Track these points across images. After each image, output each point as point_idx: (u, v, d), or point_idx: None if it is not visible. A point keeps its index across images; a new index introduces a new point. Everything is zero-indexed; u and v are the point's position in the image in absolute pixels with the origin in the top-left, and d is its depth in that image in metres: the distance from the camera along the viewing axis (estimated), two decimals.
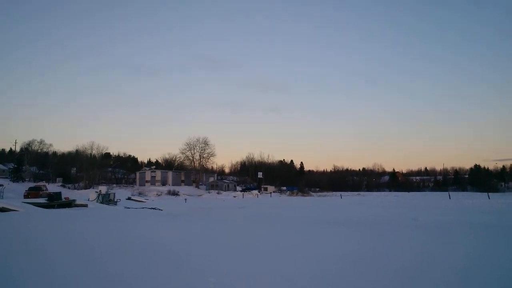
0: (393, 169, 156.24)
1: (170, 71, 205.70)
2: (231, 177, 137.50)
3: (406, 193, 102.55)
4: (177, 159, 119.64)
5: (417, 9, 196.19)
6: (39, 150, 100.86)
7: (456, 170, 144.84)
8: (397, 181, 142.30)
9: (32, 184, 60.78)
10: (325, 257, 8.98)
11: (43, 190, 44.75)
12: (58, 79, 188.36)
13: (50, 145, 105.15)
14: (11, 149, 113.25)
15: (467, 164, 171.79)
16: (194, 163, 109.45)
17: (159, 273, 7.20)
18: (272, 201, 57.83)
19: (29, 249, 10.09)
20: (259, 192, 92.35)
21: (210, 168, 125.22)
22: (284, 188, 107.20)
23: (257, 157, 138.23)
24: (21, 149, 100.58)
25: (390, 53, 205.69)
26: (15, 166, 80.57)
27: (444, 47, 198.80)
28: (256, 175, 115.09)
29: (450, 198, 58.95)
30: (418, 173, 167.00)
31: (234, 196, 79.29)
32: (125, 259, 8.68)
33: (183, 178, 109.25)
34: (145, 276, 6.95)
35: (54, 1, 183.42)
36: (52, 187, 62.42)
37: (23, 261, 8.38)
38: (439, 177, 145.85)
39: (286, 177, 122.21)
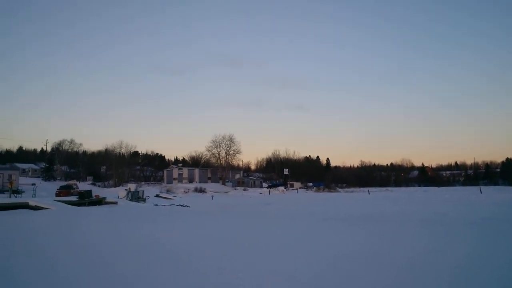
0: (422, 164, 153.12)
1: (194, 69, 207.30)
2: (257, 174, 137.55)
3: (436, 188, 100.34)
4: (204, 157, 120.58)
5: (435, 10, 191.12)
6: (70, 150, 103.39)
7: (487, 164, 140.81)
8: (427, 176, 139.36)
9: (63, 183, 62.32)
10: (351, 256, 8.80)
11: (74, 189, 45.80)
12: (88, 80, 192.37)
13: (80, 144, 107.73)
14: (42, 149, 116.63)
15: (499, 158, 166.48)
16: (220, 160, 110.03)
17: (181, 271, 7.19)
18: (298, 197, 57.58)
19: (62, 245, 10.28)
20: (285, 188, 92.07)
21: (236, 165, 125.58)
22: (311, 184, 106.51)
23: (282, 153, 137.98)
24: (52, 149, 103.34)
25: (407, 51, 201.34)
26: (47, 165, 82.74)
27: (468, 47, 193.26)
28: (282, 172, 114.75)
29: (481, 192, 57.33)
30: (448, 167, 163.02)
31: (261, 193, 79.31)
32: (147, 258, 8.72)
33: (209, 175, 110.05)
34: (165, 275, 6.95)
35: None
36: (83, 186, 63.85)
37: (56, 256, 8.54)
38: (470, 172, 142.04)
39: (312, 173, 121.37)
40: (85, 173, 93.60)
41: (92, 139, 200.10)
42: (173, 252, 9.28)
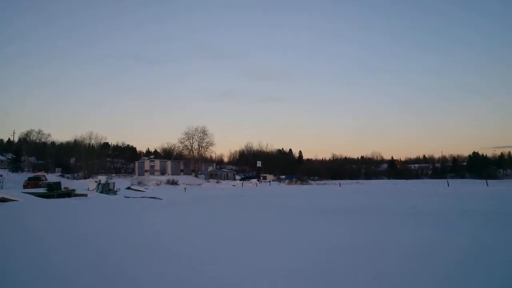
0: (392, 157, 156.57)
1: (169, 60, 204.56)
2: (230, 166, 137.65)
3: (405, 181, 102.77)
4: (176, 149, 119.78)
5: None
6: (38, 140, 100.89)
7: (454, 157, 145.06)
8: (396, 169, 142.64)
9: (31, 174, 60.82)
10: (324, 245, 8.99)
11: (43, 180, 44.75)
12: (57, 69, 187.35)
13: (49, 135, 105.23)
14: (9, 139, 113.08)
15: (466, 152, 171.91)
16: (193, 153, 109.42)
17: (160, 265, 7.20)
18: (271, 190, 57.96)
19: (29, 239, 10.09)
20: (258, 181, 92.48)
21: (209, 157, 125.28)
22: (283, 176, 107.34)
23: (256, 146, 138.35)
24: (20, 139, 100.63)
25: (387, 42, 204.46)
26: (14, 156, 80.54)
27: (442, 37, 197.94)
28: (255, 164, 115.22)
29: (448, 185, 59.10)
30: (417, 160, 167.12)
31: (233, 185, 79.42)
32: (124, 250, 8.68)
33: (182, 168, 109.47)
34: (145, 268, 6.95)
35: None
36: (51, 177, 62.40)
37: (22, 251, 8.38)
38: (438, 165, 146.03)
39: (285, 166, 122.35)
40: (54, 164, 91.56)
41: (61, 130, 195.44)
42: (140, 245, 9.25)
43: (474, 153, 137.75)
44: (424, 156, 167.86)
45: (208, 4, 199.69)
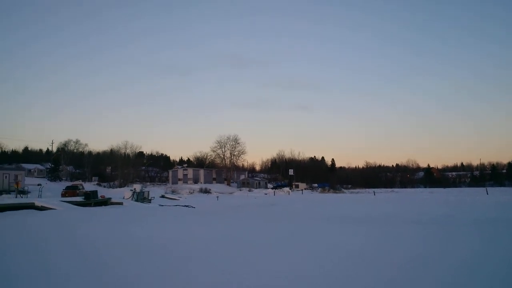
0: (428, 165, 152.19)
1: (200, 70, 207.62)
2: (262, 174, 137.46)
3: (442, 189, 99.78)
4: (208, 157, 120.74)
5: (437, 11, 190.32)
6: (75, 150, 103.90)
7: (493, 164, 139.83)
8: (432, 177, 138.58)
9: (69, 183, 62.49)
10: (358, 256, 8.69)
11: (80, 189, 45.88)
12: (94, 80, 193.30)
13: (86, 145, 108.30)
14: (48, 149, 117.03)
15: (505, 159, 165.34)
16: (225, 161, 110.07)
17: (185, 272, 7.12)
18: (303, 198, 57.41)
19: (67, 245, 10.24)
20: (290, 189, 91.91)
21: (241, 165, 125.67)
22: (316, 185, 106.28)
23: (287, 154, 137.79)
24: (58, 149, 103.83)
25: (416, 54, 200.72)
26: (52, 166, 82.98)
27: (476, 50, 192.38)
28: (287, 172, 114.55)
29: (487, 194, 56.91)
30: (454, 168, 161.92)
31: (266, 194, 79.22)
32: (152, 258, 8.66)
33: (214, 176, 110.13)
34: (169, 275, 6.88)
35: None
36: (88, 186, 63.97)
37: (61, 257, 8.49)
38: (476, 173, 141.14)
39: (317, 174, 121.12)
40: (91, 173, 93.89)
41: (98, 140, 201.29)
42: (178, 253, 9.20)
43: None
44: (461, 163, 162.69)
45: (235, 13, 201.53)
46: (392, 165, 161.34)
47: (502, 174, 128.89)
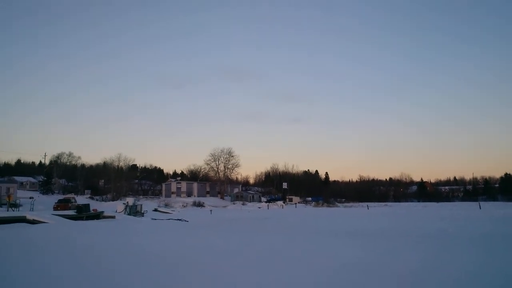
0: (421, 179, 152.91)
1: (194, 82, 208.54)
2: (256, 188, 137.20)
3: (435, 203, 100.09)
4: (202, 170, 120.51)
5: (437, 21, 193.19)
6: (68, 163, 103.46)
7: (486, 179, 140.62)
8: (426, 191, 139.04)
9: (61, 197, 62.01)
10: (352, 269, 8.75)
11: (72, 202, 45.56)
12: (87, 95, 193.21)
13: (79, 157, 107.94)
14: (40, 162, 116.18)
15: (498, 173, 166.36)
16: (219, 174, 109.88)
17: (184, 286, 7.15)
18: (297, 212, 57.34)
19: (58, 259, 10.21)
20: (284, 203, 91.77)
21: (235, 179, 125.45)
22: (309, 198, 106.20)
23: (281, 167, 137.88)
24: (51, 162, 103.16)
25: (412, 65, 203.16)
26: (45, 178, 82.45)
27: (470, 61, 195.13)
28: (281, 186, 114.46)
29: (480, 208, 57.19)
30: (447, 182, 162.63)
31: (259, 207, 79.01)
32: (146, 272, 8.66)
33: (208, 189, 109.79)
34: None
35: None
36: (81, 199, 63.51)
37: (53, 270, 8.47)
38: (469, 187, 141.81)
39: (311, 188, 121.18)
40: (83, 186, 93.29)
41: (91, 152, 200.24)
42: (169, 266, 9.22)
43: (506, 174, 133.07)
44: (454, 177, 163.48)
45: (230, 25, 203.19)
46: (386, 179, 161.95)
47: (495, 189, 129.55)
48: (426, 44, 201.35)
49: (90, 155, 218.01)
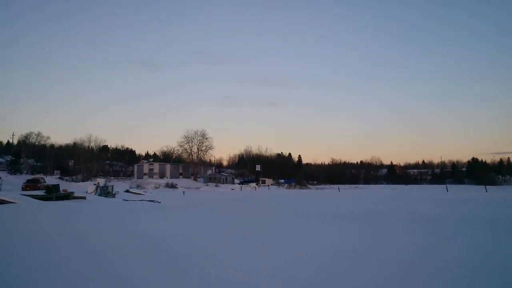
0: (391, 162, 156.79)
1: (168, 65, 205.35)
2: (229, 170, 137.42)
3: (404, 186, 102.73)
4: (175, 152, 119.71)
5: (413, 3, 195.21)
6: (37, 143, 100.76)
7: (453, 163, 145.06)
8: (395, 174, 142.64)
9: (30, 177, 60.63)
10: (323, 251, 8.95)
11: (41, 183, 44.64)
12: (56, 72, 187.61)
13: (48, 137, 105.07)
14: (8, 141, 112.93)
15: (465, 157, 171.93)
16: (192, 156, 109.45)
17: (158, 268, 7.17)
18: (270, 194, 57.91)
19: (26, 242, 10.04)
20: (257, 185, 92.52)
21: (208, 161, 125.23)
22: (282, 181, 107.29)
23: (255, 150, 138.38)
24: (19, 142, 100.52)
25: (387, 47, 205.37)
26: (13, 158, 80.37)
27: (441, 42, 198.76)
28: (254, 168, 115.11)
29: (447, 191, 59.03)
30: (416, 166, 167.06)
31: (232, 189, 79.40)
32: (123, 253, 8.63)
33: (181, 171, 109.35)
34: (144, 271, 6.91)
35: None
36: (50, 180, 62.33)
37: (19, 255, 8.33)
38: (437, 170, 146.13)
39: (284, 170, 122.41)
40: (53, 167, 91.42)
41: (60, 133, 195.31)
42: (137, 248, 9.21)
43: (473, 159, 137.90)
44: (423, 161, 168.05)
45: (205, 9, 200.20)
46: (357, 162, 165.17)
47: (462, 172, 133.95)
48: (402, 23, 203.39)
49: (60, 135, 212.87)
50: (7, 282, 6.20)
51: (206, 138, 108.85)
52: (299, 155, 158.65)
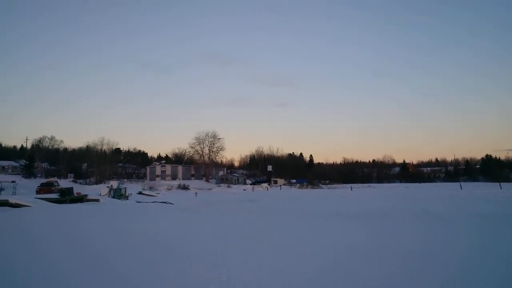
0: (404, 160, 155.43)
1: (179, 67, 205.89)
2: (241, 170, 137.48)
3: (417, 184, 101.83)
4: (187, 154, 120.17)
5: (422, 4, 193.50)
6: (50, 147, 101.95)
7: (467, 160, 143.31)
8: (408, 172, 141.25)
9: (44, 180, 61.37)
10: (335, 249, 8.94)
11: (55, 186, 45.16)
12: (69, 75, 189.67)
13: (61, 141, 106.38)
14: (22, 146, 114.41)
15: (478, 154, 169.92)
16: (203, 157, 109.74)
17: (171, 268, 7.22)
18: (282, 194, 57.79)
19: (40, 244, 10.17)
20: (269, 185, 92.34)
21: (220, 162, 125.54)
22: (294, 181, 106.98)
23: (266, 150, 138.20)
24: (32, 146, 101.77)
25: (396, 46, 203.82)
26: (27, 162, 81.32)
27: (453, 40, 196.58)
28: (265, 169, 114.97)
29: (461, 188, 58.40)
30: (429, 164, 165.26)
31: (244, 190, 79.38)
32: (136, 254, 8.72)
33: (193, 172, 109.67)
34: (157, 271, 6.96)
35: None
36: (64, 183, 62.95)
37: (35, 257, 8.45)
38: (450, 168, 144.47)
39: (296, 170, 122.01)
40: (66, 170, 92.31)
41: (73, 136, 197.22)
42: (150, 249, 9.27)
43: (487, 155, 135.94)
44: (436, 159, 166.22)
45: (214, 10, 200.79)
46: (369, 161, 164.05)
47: (476, 169, 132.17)
48: (413, 24, 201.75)
49: (73, 139, 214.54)
50: (21, 282, 6.30)
51: (218, 139, 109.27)
52: (311, 155, 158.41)
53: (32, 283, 6.27)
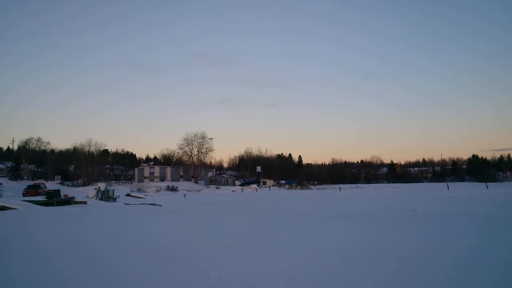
0: (391, 161, 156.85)
1: (167, 68, 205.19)
2: (230, 171, 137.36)
3: (405, 184, 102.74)
4: (176, 155, 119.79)
5: (411, 1, 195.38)
6: (37, 148, 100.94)
7: (454, 160, 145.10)
8: (396, 173, 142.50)
9: (30, 182, 60.66)
10: (325, 251, 8.96)
11: (42, 188, 44.64)
12: (56, 77, 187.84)
13: (48, 143, 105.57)
14: (8, 147, 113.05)
15: (465, 155, 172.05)
16: (192, 159, 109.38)
17: (160, 270, 7.19)
18: (271, 195, 57.86)
19: (28, 248, 10.06)
20: (258, 186, 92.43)
21: (209, 163, 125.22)
22: (283, 181, 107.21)
23: (255, 151, 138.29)
24: (19, 147, 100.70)
25: (386, 46, 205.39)
26: (13, 164, 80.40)
27: (440, 39, 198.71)
28: (254, 170, 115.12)
29: (448, 188, 59.06)
30: (416, 164, 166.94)
31: (233, 191, 79.33)
32: (125, 256, 8.65)
33: (181, 174, 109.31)
34: (146, 274, 6.93)
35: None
36: (51, 185, 62.28)
37: (22, 260, 8.35)
38: (437, 168, 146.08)
39: (285, 171, 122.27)
40: (53, 172, 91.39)
41: (60, 138, 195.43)
42: (139, 251, 9.23)
43: (473, 156, 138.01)
44: (423, 159, 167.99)
45: (203, 10, 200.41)
46: (357, 161, 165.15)
47: (463, 170, 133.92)
48: (403, 23, 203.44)
49: (60, 140, 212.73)
50: (10, 285, 6.23)
51: (208, 140, 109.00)
52: (300, 156, 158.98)
53: (19, 284, 6.20)
